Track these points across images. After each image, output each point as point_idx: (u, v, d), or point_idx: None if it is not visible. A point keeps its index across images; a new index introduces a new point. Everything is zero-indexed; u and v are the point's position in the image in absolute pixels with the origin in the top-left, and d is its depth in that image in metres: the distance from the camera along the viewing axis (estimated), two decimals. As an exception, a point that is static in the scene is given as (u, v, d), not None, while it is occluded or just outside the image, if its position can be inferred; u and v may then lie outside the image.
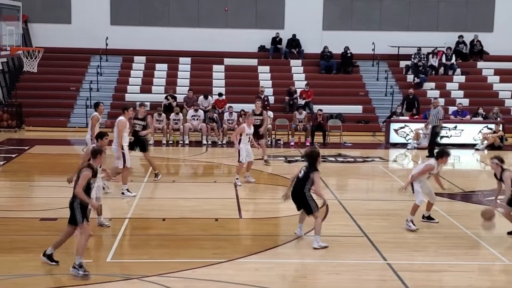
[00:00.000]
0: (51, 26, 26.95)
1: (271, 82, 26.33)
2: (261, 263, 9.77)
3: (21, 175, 15.85)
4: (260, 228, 11.55)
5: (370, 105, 25.53)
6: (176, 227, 11.53)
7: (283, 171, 16.87)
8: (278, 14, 27.95)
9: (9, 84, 25.53)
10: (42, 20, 26.94)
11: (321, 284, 9.02)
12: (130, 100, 24.53)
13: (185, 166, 18.19)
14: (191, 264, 9.55)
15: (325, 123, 21.91)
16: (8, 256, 9.81)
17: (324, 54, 27.21)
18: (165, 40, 27.12)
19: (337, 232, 11.36)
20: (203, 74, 26.50)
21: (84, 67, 26.61)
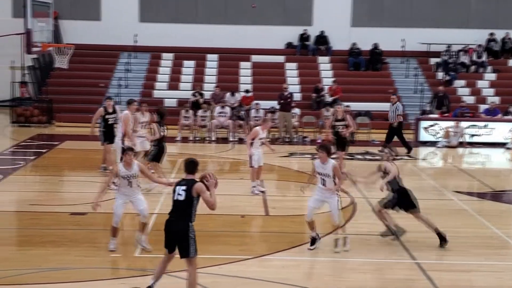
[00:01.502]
0: (81, 23, 27.21)
1: (298, 79, 26.25)
2: (287, 261, 9.76)
3: (51, 170, 16.02)
4: (287, 226, 11.53)
5: (400, 103, 25.23)
6: (203, 223, 11.49)
7: (309, 169, 16.75)
8: (306, 11, 27.84)
9: (40, 80, 25.82)
10: (72, 17, 27.20)
11: (348, 282, 8.97)
12: (158, 97, 24.71)
13: (212, 162, 18.22)
14: (218, 260, 9.58)
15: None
16: (38, 249, 9.94)
17: (353, 51, 27.04)
18: (193, 37, 27.19)
19: (365, 231, 11.28)
20: (230, 71, 26.52)
21: (113, 63, 26.82)
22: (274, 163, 17.76)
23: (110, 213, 11.90)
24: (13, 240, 10.65)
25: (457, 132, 21.16)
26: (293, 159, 18.32)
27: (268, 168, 17.29)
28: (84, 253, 9.92)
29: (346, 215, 12.25)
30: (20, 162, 16.91)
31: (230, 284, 8.46)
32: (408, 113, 24.48)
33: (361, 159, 18.58)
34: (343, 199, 13.36)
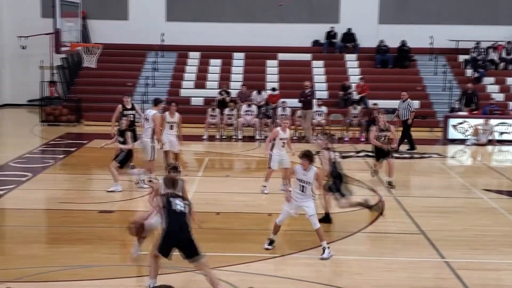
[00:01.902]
0: (109, 22, 27.42)
1: (325, 77, 26.15)
2: (315, 259, 9.71)
3: (80, 168, 16.17)
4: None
5: (428, 100, 25.07)
6: (230, 221, 11.57)
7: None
8: (333, 8, 27.73)
9: (69, 80, 26.10)
10: (100, 17, 27.43)
11: (377, 281, 8.90)
12: (185, 95, 24.81)
13: (239, 161, 18.24)
14: (245, 258, 9.58)
15: (377, 115, 21.58)
16: (67, 247, 10.04)
17: (380, 48, 26.86)
18: (219, 36, 27.24)
19: (393, 229, 11.21)
20: (256, 69, 26.53)
21: (141, 63, 26.99)
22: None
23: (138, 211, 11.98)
24: (42, 237, 10.77)
25: (486, 129, 20.90)
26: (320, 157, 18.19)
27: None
28: (112, 251, 9.99)
29: (374, 213, 12.16)
30: (49, 160, 17.11)
31: (257, 282, 8.43)
32: (437, 111, 24.27)
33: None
34: (372, 196, 13.33)
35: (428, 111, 24.48)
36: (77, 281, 8.56)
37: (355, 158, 18.15)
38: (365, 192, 13.99)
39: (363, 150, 18.67)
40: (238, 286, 8.34)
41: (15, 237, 10.73)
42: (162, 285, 4.54)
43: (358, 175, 15.59)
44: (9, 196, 13.14)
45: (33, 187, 14.15)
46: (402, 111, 19.32)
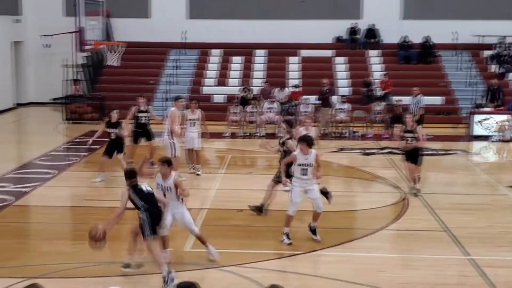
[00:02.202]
0: (131, 20, 27.55)
1: (347, 73, 26.03)
2: (338, 256, 9.70)
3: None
4: (336, 221, 11.44)
5: (452, 96, 24.83)
6: (253, 219, 11.58)
7: (360, 164, 16.68)
8: (355, 4, 27.56)
9: (92, 78, 26.29)
10: (122, 15, 27.56)
11: (400, 278, 8.86)
12: (206, 93, 24.86)
13: (261, 158, 18.23)
14: (268, 255, 9.59)
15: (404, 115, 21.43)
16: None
17: (403, 44, 26.67)
18: (241, 33, 27.23)
19: (418, 226, 11.14)
20: (278, 66, 26.47)
21: (162, 60, 27.09)
22: (324, 158, 17.66)
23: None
24: (67, 234, 10.88)
25: (511, 125, 20.65)
26: (342, 154, 18.18)
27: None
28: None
29: (397, 210, 12.12)
30: (73, 158, 17.26)
31: (280, 279, 8.44)
32: (462, 107, 24.04)
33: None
34: (394, 194, 13.26)
35: (452, 107, 24.26)
36: (102, 277, 8.63)
37: (379, 155, 18.05)
38: (388, 189, 13.93)
39: (387, 147, 18.57)
40: (261, 283, 8.34)
41: (40, 233, 10.86)
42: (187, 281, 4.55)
43: (380, 172, 15.54)
44: (34, 194, 13.29)
45: (57, 184, 14.30)
46: (413, 107, 19.13)
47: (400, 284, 8.67)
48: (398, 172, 15.49)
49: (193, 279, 4.58)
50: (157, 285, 8.43)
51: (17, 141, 21.58)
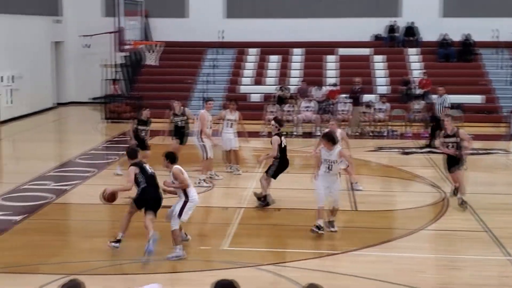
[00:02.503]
0: (169, 20, 27.75)
1: (386, 71, 25.79)
2: (377, 256, 9.59)
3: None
4: (376, 221, 11.34)
5: (492, 95, 24.39)
6: (290, 218, 11.55)
7: (399, 163, 16.50)
8: (394, 2, 27.28)
9: (131, 78, 26.56)
10: (160, 15, 27.79)
11: (440, 279, 8.73)
12: (243, 92, 24.90)
13: (298, 157, 18.16)
14: (305, 254, 9.54)
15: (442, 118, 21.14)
16: (130, 241, 10.18)
17: (443, 42, 26.30)
18: (278, 32, 27.19)
19: (458, 227, 10.96)
20: (315, 65, 26.36)
21: (200, 60, 27.21)
22: (362, 157, 17.53)
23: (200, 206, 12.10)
24: (106, 232, 10.97)
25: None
26: (381, 153, 18.00)
27: (356, 162, 17.09)
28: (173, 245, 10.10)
29: (438, 210, 11.94)
30: (112, 156, 17.44)
31: (318, 279, 8.37)
32: (502, 106, 23.61)
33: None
34: (434, 194, 13.08)
35: (492, 106, 23.83)
36: (140, 274, 8.70)
37: (418, 154, 17.82)
38: (428, 188, 13.74)
39: (426, 146, 18.32)
40: (299, 283, 8.30)
41: (80, 231, 11.00)
42: (225, 279, 4.55)
43: (419, 171, 15.35)
44: (74, 192, 13.48)
45: (97, 182, 14.46)
46: (438, 107, 18.75)
47: (440, 285, 8.55)
48: (437, 171, 15.27)
49: (230, 277, 4.56)
50: (196, 283, 8.47)
51: (57, 140, 21.94)
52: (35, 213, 11.68)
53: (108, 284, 8.31)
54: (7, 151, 19.84)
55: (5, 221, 11.20)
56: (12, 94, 23.39)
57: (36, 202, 12.41)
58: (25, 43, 24.33)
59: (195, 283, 8.46)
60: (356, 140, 20.11)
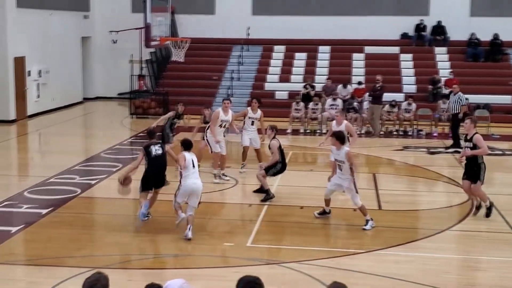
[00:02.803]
0: (196, 17, 27.84)
1: (413, 70, 25.58)
2: (402, 256, 9.53)
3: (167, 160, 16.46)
4: (400, 220, 11.26)
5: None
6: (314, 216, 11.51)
7: (424, 163, 16.36)
8: (422, 0, 27.05)
9: (157, 73, 26.70)
10: (187, 11, 27.89)
11: (465, 280, 8.65)
12: (269, 89, 24.89)
13: (322, 155, 18.10)
14: (329, 253, 9.51)
15: (471, 114, 20.91)
16: (154, 236, 10.29)
17: (471, 41, 26.01)
18: (305, 29, 27.12)
19: (483, 228, 10.85)
20: (342, 63, 26.24)
21: (226, 57, 27.25)
22: (388, 156, 17.44)
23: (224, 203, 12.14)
24: (130, 226, 11.04)
25: None
26: (407, 152, 17.87)
27: (381, 161, 17.01)
28: (197, 241, 10.15)
29: (464, 211, 11.82)
30: (138, 152, 17.48)
31: (342, 277, 8.33)
32: (530, 107, 23.30)
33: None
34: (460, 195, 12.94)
35: (521, 107, 23.51)
36: (164, 269, 8.75)
37: (444, 154, 17.66)
38: (454, 189, 13.62)
39: (453, 146, 18.15)
40: (322, 281, 8.29)
41: (105, 225, 11.08)
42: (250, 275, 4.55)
43: (446, 171, 15.21)
44: (100, 186, 13.60)
45: (122, 177, 14.59)
46: (453, 105, 18.50)
47: (465, 286, 8.47)
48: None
49: (254, 274, 4.57)
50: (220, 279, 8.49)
51: (84, 134, 22.14)
52: (61, 207, 11.81)
53: (132, 278, 8.37)
54: (34, 145, 20.08)
55: (31, 214, 11.34)
56: (39, 88, 23.66)
57: (62, 196, 12.55)
58: (54, 38, 24.59)
59: (219, 279, 8.49)
60: (381, 139, 20.03)
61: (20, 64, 22.31)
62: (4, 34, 21.38)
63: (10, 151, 18.42)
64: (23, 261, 9.34)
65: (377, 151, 18.00)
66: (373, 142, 19.57)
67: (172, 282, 4.49)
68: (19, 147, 19.16)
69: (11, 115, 21.86)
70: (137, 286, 5.68)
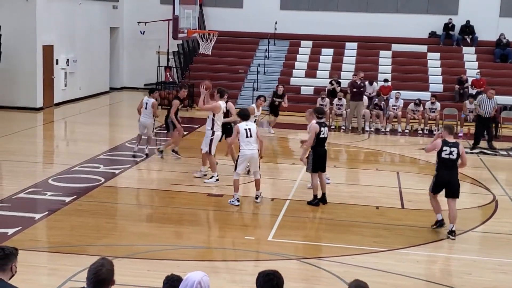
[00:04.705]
0: (224, 10, 27.84)
1: (440, 69, 25.34)
2: (423, 256, 9.48)
3: (191, 152, 16.51)
4: (423, 220, 11.17)
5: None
6: (336, 212, 11.49)
7: (449, 163, 16.17)
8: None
9: (184, 66, 26.78)
10: (215, 4, 27.93)
11: (487, 282, 8.56)
12: (295, 84, 24.84)
13: (347, 152, 18.05)
14: (350, 250, 9.48)
15: (497, 115, 20.65)
16: (176, 227, 10.34)
17: (500, 41, 25.66)
18: (332, 25, 26.99)
19: (507, 230, 10.73)
20: (369, 60, 26.08)
21: (253, 50, 27.23)
22: (412, 155, 17.32)
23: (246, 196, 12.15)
24: (154, 217, 11.13)
25: None
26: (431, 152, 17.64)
27: (404, 160, 16.90)
28: (219, 234, 10.20)
29: (487, 212, 11.71)
30: (162, 143, 17.62)
31: (363, 275, 8.29)
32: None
33: (505, 155, 17.60)
34: (484, 196, 12.79)
35: (549, 109, 23.14)
36: (185, 261, 8.79)
37: (469, 154, 17.48)
38: (478, 190, 13.49)
39: (478, 147, 17.97)
40: (342, 278, 8.26)
41: (128, 215, 11.17)
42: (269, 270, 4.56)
43: (470, 172, 15.06)
44: (124, 175, 13.70)
45: (146, 167, 14.69)
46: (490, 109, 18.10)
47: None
48: (489, 172, 14.98)
49: (274, 268, 4.57)
50: (240, 273, 8.50)
51: (109, 123, 22.31)
52: (85, 195, 11.91)
53: (152, 268, 8.42)
54: (60, 133, 20.29)
55: (55, 201, 11.46)
56: (67, 77, 23.87)
57: (86, 184, 12.67)
58: (82, 28, 24.78)
59: (239, 272, 8.51)
60: (406, 137, 19.90)
61: (48, 52, 22.53)
62: (33, 22, 21.59)
63: (36, 139, 18.62)
64: (45, 247, 9.45)
65: (401, 150, 17.89)
66: (396, 141, 19.47)
67: (192, 274, 4.50)
68: (45, 134, 19.37)
69: (39, 103, 22.09)
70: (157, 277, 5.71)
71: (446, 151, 10.16)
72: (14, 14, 21.40)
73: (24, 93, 21.80)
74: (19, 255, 4.82)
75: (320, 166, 11.78)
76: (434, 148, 10.36)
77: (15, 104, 21.69)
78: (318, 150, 11.77)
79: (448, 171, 10.21)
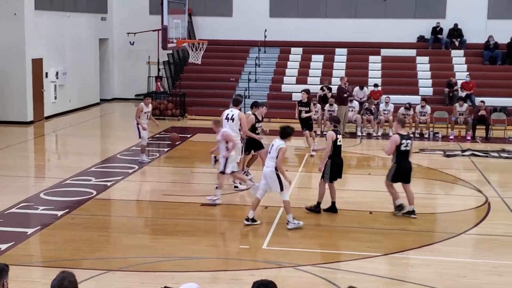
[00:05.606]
0: (213, 19, 27.87)
1: (430, 73, 25.45)
2: (417, 259, 9.49)
3: (184, 162, 16.55)
4: (416, 224, 11.19)
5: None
6: (330, 218, 11.49)
7: (441, 166, 16.26)
8: (439, 3, 26.88)
9: (174, 75, 26.79)
10: (205, 14, 27.96)
11: (481, 284, 8.57)
12: (286, 91, 24.88)
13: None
14: (345, 256, 9.49)
15: (488, 116, 20.75)
16: (171, 238, 10.30)
17: (489, 44, 25.80)
18: (322, 31, 27.10)
19: (500, 232, 10.76)
20: (359, 65, 26.16)
21: (243, 58, 27.27)
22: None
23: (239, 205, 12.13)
24: (148, 228, 11.10)
25: None
26: (423, 155, 17.77)
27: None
28: (215, 243, 10.17)
29: (480, 214, 11.75)
30: (154, 153, 17.62)
31: (357, 281, 8.31)
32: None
33: (497, 156, 17.68)
34: (476, 198, 12.84)
35: (539, 110, 23.26)
36: (181, 272, 8.76)
37: (461, 157, 17.55)
38: (470, 192, 13.53)
39: (469, 149, 18.04)
40: (337, 284, 8.26)
41: (121, 227, 11.13)
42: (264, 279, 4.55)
43: (462, 175, 15.12)
44: (116, 187, 13.65)
45: (138, 179, 14.65)
46: None
47: (481, 291, 8.40)
48: (481, 174, 15.04)
49: (269, 277, 4.56)
50: (235, 283, 8.49)
51: (100, 135, 22.25)
52: (77, 208, 11.85)
53: (146, 281, 8.39)
54: (51, 146, 20.22)
55: (47, 215, 11.40)
56: (56, 90, 23.82)
57: (78, 198, 12.61)
58: (71, 40, 24.75)
59: (234, 282, 8.49)
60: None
61: (37, 65, 22.48)
62: (22, 36, 21.55)
63: (27, 153, 18.55)
64: (39, 262, 9.40)
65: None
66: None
67: (186, 286, 4.49)
68: (36, 148, 19.30)
69: (29, 117, 22.03)
70: (152, 289, 5.71)
71: (404, 144, 11.31)
72: (2, 28, 21.37)
73: (14, 107, 21.74)
74: (12, 271, 4.80)
75: (337, 176, 11.78)
76: (395, 145, 11.31)
77: (5, 118, 21.62)
78: (335, 159, 11.75)
79: (406, 161, 11.44)
